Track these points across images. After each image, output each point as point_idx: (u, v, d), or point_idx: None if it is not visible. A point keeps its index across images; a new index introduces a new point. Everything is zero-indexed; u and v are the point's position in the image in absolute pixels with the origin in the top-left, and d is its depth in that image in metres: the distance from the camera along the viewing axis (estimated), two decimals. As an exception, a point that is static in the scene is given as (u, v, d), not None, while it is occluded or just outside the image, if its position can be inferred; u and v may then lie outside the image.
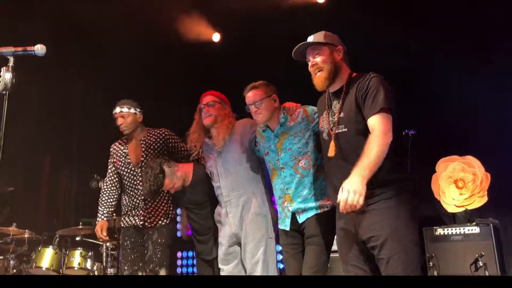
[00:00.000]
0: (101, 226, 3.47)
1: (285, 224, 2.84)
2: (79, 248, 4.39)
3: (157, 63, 5.58)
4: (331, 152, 2.39)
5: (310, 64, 2.50)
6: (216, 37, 5.60)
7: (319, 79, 2.46)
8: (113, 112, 3.49)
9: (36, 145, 5.43)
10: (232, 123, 3.14)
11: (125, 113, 3.45)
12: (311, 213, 2.76)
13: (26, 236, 4.37)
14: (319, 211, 2.75)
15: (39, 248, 4.32)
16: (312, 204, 2.77)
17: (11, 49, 2.12)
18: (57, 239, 4.49)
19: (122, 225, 3.53)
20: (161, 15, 4.98)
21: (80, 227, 4.46)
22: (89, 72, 5.40)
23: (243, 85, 3.39)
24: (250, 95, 2.90)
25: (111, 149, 3.64)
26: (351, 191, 2.13)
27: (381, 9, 4.56)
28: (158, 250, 3.34)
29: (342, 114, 2.40)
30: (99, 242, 4.08)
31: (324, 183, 2.74)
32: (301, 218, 2.79)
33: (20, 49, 2.10)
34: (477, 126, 4.13)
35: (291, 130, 2.85)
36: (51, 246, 4.35)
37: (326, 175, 2.58)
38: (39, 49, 2.11)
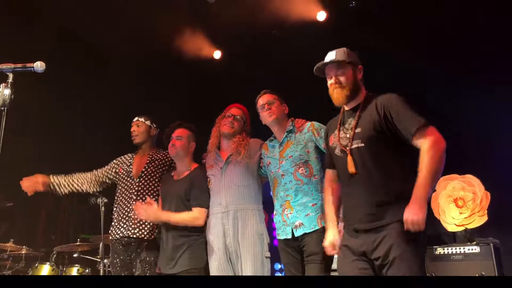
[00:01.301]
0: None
1: (285, 233, 2.83)
2: (77, 265, 4.35)
3: (158, 80, 5.62)
4: (351, 168, 2.36)
5: (332, 81, 2.49)
6: (217, 54, 5.65)
7: (339, 94, 2.46)
8: (132, 121, 3.64)
9: (36, 161, 5.43)
10: (248, 140, 3.20)
11: (140, 122, 3.58)
12: (309, 229, 2.74)
13: (23, 252, 4.34)
14: (317, 228, 2.73)
15: (36, 265, 4.30)
16: (311, 214, 2.75)
17: (10, 65, 2.14)
18: (55, 256, 4.44)
19: (111, 237, 3.44)
20: (163, 33, 5.02)
21: (78, 243, 4.43)
22: (90, 88, 5.43)
23: (243, 103, 3.43)
24: (265, 97, 3.06)
25: (118, 158, 3.68)
26: (410, 222, 2.14)
27: (381, 26, 4.61)
28: (147, 268, 3.25)
29: (358, 130, 2.39)
30: (97, 259, 4.06)
31: None
32: (297, 232, 2.77)
33: (19, 65, 2.12)
34: (476, 145, 4.13)
35: (295, 139, 2.94)
36: (48, 263, 4.32)
37: (346, 194, 2.45)
38: (39, 66, 2.12)
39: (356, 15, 4.85)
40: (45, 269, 4.28)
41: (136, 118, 3.61)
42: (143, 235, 3.32)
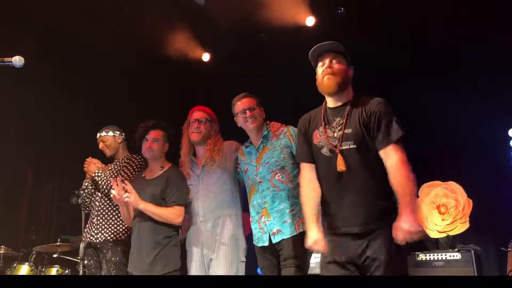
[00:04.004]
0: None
1: (262, 241, 2.81)
2: (56, 265, 4.28)
3: (146, 81, 5.58)
4: (341, 166, 2.33)
5: (325, 66, 2.45)
6: (205, 56, 5.63)
7: (331, 80, 2.41)
8: (96, 138, 3.63)
9: (19, 160, 5.36)
10: (221, 143, 3.15)
11: (103, 136, 3.59)
12: (286, 235, 2.72)
13: (1, 252, 4.27)
14: (295, 233, 2.71)
15: (15, 265, 4.22)
16: (288, 220, 2.72)
17: (-13, 59, 2.09)
18: (34, 256, 4.37)
19: (83, 245, 3.44)
20: (151, 34, 5.00)
21: (58, 244, 4.36)
22: (76, 88, 5.37)
23: (230, 106, 3.41)
24: (245, 101, 2.97)
25: None
26: (409, 234, 2.13)
27: (368, 33, 4.63)
28: (112, 269, 3.23)
29: (349, 130, 2.36)
30: (77, 260, 4.00)
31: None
32: (275, 239, 2.75)
33: (-3, 59, 2.07)
34: (459, 152, 4.16)
35: (271, 145, 2.91)
36: (27, 263, 4.24)
37: (332, 196, 2.40)
38: (17, 60, 2.07)
39: (344, 21, 4.87)
40: (24, 269, 4.20)
41: (98, 135, 3.61)
42: (107, 237, 3.32)
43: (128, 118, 3.79)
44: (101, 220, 3.37)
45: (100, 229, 3.34)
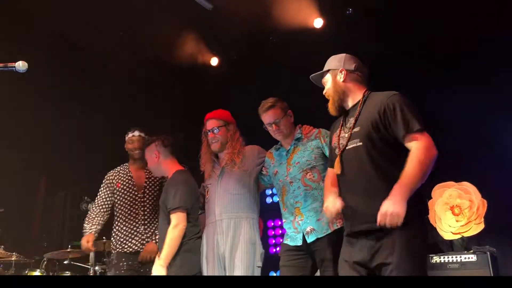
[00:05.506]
0: (87, 238, 3.47)
1: (296, 240, 2.78)
2: (67, 272, 4.31)
3: (155, 87, 5.60)
4: (337, 169, 2.36)
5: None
6: (214, 61, 5.63)
7: (329, 106, 2.51)
8: (126, 137, 3.62)
9: (32, 167, 5.40)
10: (241, 146, 3.13)
11: (135, 137, 3.58)
12: (321, 234, 2.70)
13: (13, 259, 4.28)
14: (329, 231, 2.69)
15: (26, 272, 4.25)
16: (323, 218, 2.70)
17: (-10, 64, 2.09)
18: (45, 263, 4.39)
19: (120, 251, 3.43)
20: (159, 39, 5.01)
21: (68, 250, 4.37)
22: (88, 96, 5.40)
23: (241, 110, 3.38)
24: (269, 115, 2.95)
25: (110, 175, 3.64)
26: (389, 214, 2.08)
27: (378, 33, 4.58)
28: None
29: (357, 129, 2.34)
30: (88, 266, 4.01)
31: None
32: (310, 238, 2.73)
33: (1, 65, 2.06)
34: (473, 152, 4.08)
35: (302, 145, 2.92)
36: (38, 270, 4.27)
37: (345, 195, 2.37)
38: (20, 65, 2.06)
39: (353, 22, 4.83)
40: (35, 276, 4.21)
41: (130, 134, 3.58)
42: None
43: (139, 125, 3.78)
44: (149, 229, 3.41)
45: (149, 237, 3.39)
